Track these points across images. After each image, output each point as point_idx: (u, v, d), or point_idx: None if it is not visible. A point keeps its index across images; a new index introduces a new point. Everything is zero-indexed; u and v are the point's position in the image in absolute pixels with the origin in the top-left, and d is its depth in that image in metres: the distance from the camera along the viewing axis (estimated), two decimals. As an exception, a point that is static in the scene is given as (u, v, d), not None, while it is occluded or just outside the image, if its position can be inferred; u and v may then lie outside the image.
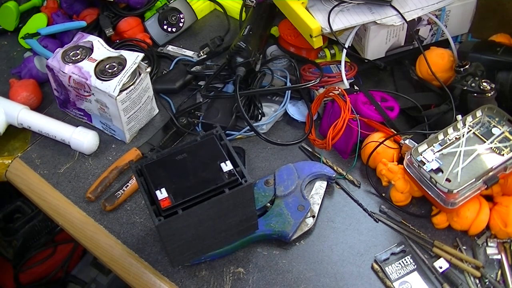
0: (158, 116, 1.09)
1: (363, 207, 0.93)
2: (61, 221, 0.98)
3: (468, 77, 0.96)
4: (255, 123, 1.02)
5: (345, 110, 0.96)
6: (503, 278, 0.84)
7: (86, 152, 1.03)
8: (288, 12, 1.10)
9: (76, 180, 1.00)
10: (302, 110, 1.07)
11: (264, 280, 0.85)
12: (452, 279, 0.83)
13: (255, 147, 1.03)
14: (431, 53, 1.05)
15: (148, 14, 1.24)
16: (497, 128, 0.90)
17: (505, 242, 0.87)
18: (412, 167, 0.88)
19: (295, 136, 1.04)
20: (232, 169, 0.78)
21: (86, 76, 0.97)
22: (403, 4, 1.05)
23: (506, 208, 0.86)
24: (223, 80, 1.10)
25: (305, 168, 0.94)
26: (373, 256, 0.87)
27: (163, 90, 1.12)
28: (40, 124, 1.04)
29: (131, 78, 0.98)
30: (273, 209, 0.89)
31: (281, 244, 0.89)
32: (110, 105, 0.98)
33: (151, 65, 1.15)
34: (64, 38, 1.17)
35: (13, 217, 1.44)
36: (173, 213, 0.75)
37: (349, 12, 1.06)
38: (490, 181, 0.85)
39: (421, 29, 1.09)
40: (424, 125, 0.99)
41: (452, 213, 0.87)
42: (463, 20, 1.11)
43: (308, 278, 0.85)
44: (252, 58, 1.03)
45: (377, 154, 0.94)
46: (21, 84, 1.10)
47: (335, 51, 1.14)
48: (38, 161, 1.03)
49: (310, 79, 1.04)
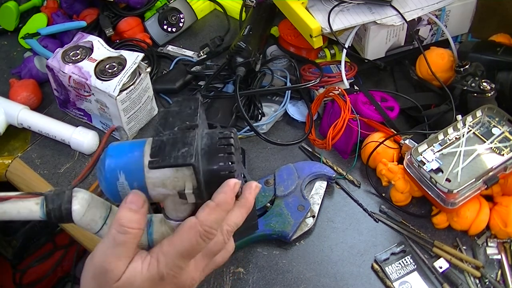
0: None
1: (363, 207, 0.93)
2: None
3: (468, 77, 0.96)
4: (255, 123, 1.02)
5: (345, 110, 0.96)
6: (503, 278, 0.84)
7: (86, 152, 1.03)
8: (288, 12, 1.10)
9: (76, 180, 1.00)
10: (302, 110, 1.07)
11: (264, 280, 0.85)
12: (452, 279, 0.83)
13: (255, 147, 1.03)
14: (431, 53, 1.05)
15: (148, 14, 1.24)
16: (497, 128, 0.90)
17: (505, 242, 0.87)
18: (412, 167, 0.88)
19: (295, 136, 1.04)
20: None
21: (86, 76, 0.97)
22: (403, 4, 1.05)
23: (506, 208, 0.86)
24: (223, 80, 1.10)
25: (305, 168, 0.94)
26: (373, 256, 0.87)
27: (163, 90, 1.12)
28: (40, 124, 1.04)
29: (131, 78, 0.98)
30: (273, 209, 0.89)
31: (281, 244, 0.89)
32: (110, 105, 0.98)
33: (151, 65, 1.15)
34: (64, 38, 1.17)
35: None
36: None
37: (349, 12, 1.06)
38: (490, 181, 0.85)
39: (421, 29, 1.09)
40: (424, 125, 0.99)
41: (452, 213, 0.87)
42: (463, 20, 1.11)
43: (308, 278, 0.85)
44: (252, 58, 1.03)
45: (377, 154, 0.94)
46: (21, 84, 1.10)
47: (335, 51, 1.14)
48: (38, 161, 1.03)
49: (310, 79, 1.04)
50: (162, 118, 0.61)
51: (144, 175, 0.59)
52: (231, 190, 0.58)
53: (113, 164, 0.60)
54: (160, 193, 0.60)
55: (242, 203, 0.62)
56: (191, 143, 0.57)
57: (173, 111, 0.62)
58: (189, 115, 0.61)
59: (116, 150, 0.62)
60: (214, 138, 0.60)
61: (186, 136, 0.58)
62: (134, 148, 0.61)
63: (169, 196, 0.60)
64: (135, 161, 0.60)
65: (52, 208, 0.61)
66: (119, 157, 0.61)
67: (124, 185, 0.60)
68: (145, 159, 0.59)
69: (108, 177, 0.60)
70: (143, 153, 0.60)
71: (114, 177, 0.60)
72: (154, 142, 0.59)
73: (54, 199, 0.62)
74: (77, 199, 0.63)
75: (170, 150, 0.57)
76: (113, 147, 0.62)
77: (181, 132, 0.59)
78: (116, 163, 0.60)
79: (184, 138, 0.58)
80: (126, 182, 0.60)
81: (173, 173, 0.58)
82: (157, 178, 0.59)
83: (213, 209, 0.58)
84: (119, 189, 0.61)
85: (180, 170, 0.58)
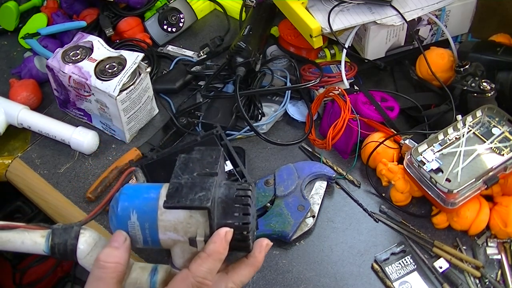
0: (158, 116, 1.09)
1: (363, 207, 0.93)
2: (61, 221, 0.97)
3: (468, 77, 0.96)
4: (255, 123, 1.02)
5: (345, 110, 0.96)
6: (503, 278, 0.84)
7: (86, 152, 1.03)
8: (288, 12, 1.10)
9: (76, 180, 1.00)
10: (302, 110, 1.07)
11: (264, 280, 0.85)
12: (452, 279, 0.83)
13: (255, 147, 1.03)
14: (431, 53, 1.05)
15: (148, 14, 1.24)
16: (497, 128, 0.90)
17: (505, 242, 0.87)
18: (412, 167, 0.88)
19: (295, 136, 1.04)
20: (232, 169, 0.79)
21: (86, 76, 0.97)
22: (403, 4, 1.05)
23: (506, 208, 0.86)
24: (223, 80, 1.10)
25: (305, 168, 0.94)
26: (373, 256, 0.87)
27: (163, 90, 1.12)
28: (40, 124, 1.04)
29: (131, 78, 0.98)
30: (273, 209, 0.89)
31: (281, 244, 0.89)
32: (110, 105, 0.98)
33: (151, 65, 1.15)
34: (64, 38, 1.17)
35: (13, 217, 1.43)
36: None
37: (349, 12, 1.06)
38: (490, 181, 0.85)
39: (421, 29, 1.09)
40: (424, 125, 0.99)
41: (452, 213, 0.87)
42: (463, 20, 1.11)
43: (308, 278, 0.85)
44: (252, 58, 1.03)
45: (377, 154, 0.94)
46: (21, 84, 1.10)
47: (335, 51, 1.14)
48: (38, 161, 1.03)
49: (310, 79, 1.04)
50: (182, 163, 0.62)
51: (157, 218, 0.59)
52: (221, 239, 0.58)
53: (127, 203, 0.60)
54: (171, 238, 0.59)
55: (251, 262, 0.62)
56: (209, 188, 0.58)
57: (194, 158, 0.62)
58: (209, 163, 0.62)
59: (131, 189, 0.62)
60: (232, 189, 0.60)
61: (204, 181, 0.59)
62: (150, 190, 0.61)
63: (179, 242, 0.60)
64: (150, 203, 0.60)
65: (58, 243, 0.61)
66: (134, 196, 0.61)
67: (135, 226, 0.60)
68: (160, 202, 0.59)
69: (120, 215, 0.60)
70: (158, 195, 0.60)
71: (126, 216, 0.60)
72: (171, 184, 0.59)
73: (61, 234, 0.62)
74: (84, 237, 0.62)
75: (187, 193, 0.57)
76: (129, 186, 0.62)
77: (200, 177, 0.59)
78: (130, 202, 0.60)
79: (202, 183, 0.59)
80: (137, 223, 0.60)
81: (186, 218, 0.58)
82: (169, 221, 0.59)
83: (204, 260, 0.58)
84: (129, 229, 0.60)
85: (194, 215, 0.58)
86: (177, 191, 0.58)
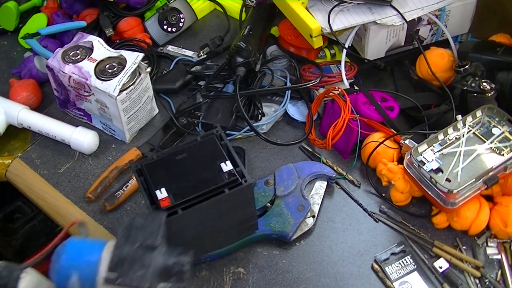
0: (158, 116, 1.09)
1: (363, 207, 0.93)
2: (61, 221, 0.98)
3: (468, 77, 0.96)
4: (255, 123, 1.02)
5: (345, 110, 0.96)
6: (503, 278, 0.84)
7: (86, 152, 1.03)
8: (288, 12, 1.10)
9: (76, 180, 1.00)
10: (302, 110, 1.07)
11: (264, 280, 0.85)
12: (452, 279, 0.83)
13: (255, 147, 1.03)
14: (431, 53, 1.05)
15: (148, 14, 1.24)
16: (497, 128, 0.90)
17: (505, 242, 0.87)
18: (412, 167, 0.88)
19: (295, 136, 1.04)
20: (232, 169, 0.78)
21: (86, 76, 0.97)
22: (403, 4, 1.05)
23: (506, 208, 0.86)
24: (223, 80, 1.10)
25: (305, 168, 0.94)
26: (373, 256, 0.87)
27: (163, 90, 1.12)
28: (40, 124, 1.04)
29: (131, 78, 0.98)
30: (273, 209, 0.89)
31: (281, 244, 0.89)
32: (110, 105, 0.98)
33: (151, 65, 1.15)
34: (64, 38, 1.17)
35: (13, 217, 1.43)
36: (173, 213, 0.75)
37: (349, 12, 1.06)
38: (490, 181, 0.85)
39: (421, 29, 1.09)
40: (424, 125, 0.99)
41: (452, 213, 0.87)
42: (463, 20, 1.11)
43: (308, 278, 0.85)
44: (252, 58, 1.03)
45: (377, 154, 0.94)
46: (21, 84, 1.10)
47: (335, 51, 1.14)
48: (38, 161, 1.03)
49: (310, 79, 1.04)
50: (125, 229, 0.64)
51: (96, 282, 0.62)
52: None
53: (68, 263, 0.62)
54: None
55: None
56: (149, 265, 0.61)
57: (137, 225, 0.65)
58: (151, 233, 0.64)
59: (74, 247, 0.64)
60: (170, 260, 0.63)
61: (145, 257, 0.62)
62: (92, 250, 0.63)
63: None
64: (90, 267, 0.62)
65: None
66: (76, 256, 0.63)
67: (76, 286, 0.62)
68: (100, 267, 0.62)
69: (62, 274, 0.62)
70: (99, 259, 0.62)
71: (66, 276, 0.62)
72: (114, 254, 0.62)
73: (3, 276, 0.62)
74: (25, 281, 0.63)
75: (127, 269, 0.60)
76: (73, 244, 0.64)
77: (142, 250, 0.62)
78: (71, 262, 0.63)
79: (143, 259, 0.62)
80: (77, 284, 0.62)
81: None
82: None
83: None
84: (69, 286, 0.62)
85: None
86: (118, 265, 0.61)
